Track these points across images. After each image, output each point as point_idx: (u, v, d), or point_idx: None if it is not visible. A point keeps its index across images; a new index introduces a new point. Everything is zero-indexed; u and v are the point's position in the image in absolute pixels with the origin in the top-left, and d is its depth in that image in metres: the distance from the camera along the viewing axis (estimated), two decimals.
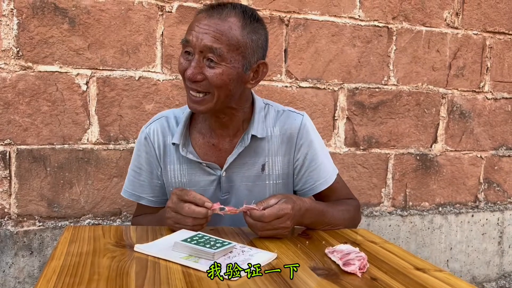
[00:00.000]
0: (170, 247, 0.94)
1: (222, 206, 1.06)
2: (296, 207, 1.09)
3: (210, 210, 1.04)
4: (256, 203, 1.07)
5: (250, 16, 1.11)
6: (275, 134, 1.22)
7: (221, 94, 1.09)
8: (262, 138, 1.20)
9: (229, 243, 0.96)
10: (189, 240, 0.94)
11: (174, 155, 1.23)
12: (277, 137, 1.22)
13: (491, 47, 2.32)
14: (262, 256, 0.95)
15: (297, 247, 1.05)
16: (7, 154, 1.71)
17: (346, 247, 0.99)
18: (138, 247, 0.96)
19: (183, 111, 1.26)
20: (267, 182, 1.23)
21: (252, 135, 1.18)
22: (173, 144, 1.21)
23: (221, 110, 1.15)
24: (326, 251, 1.00)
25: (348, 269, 0.89)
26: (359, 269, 0.89)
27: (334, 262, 0.94)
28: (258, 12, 1.91)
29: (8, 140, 1.71)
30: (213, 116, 1.19)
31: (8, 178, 1.72)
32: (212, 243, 0.94)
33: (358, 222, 1.35)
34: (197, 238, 0.95)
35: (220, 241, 0.96)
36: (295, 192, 1.32)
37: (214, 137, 1.22)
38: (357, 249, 0.98)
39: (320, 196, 1.30)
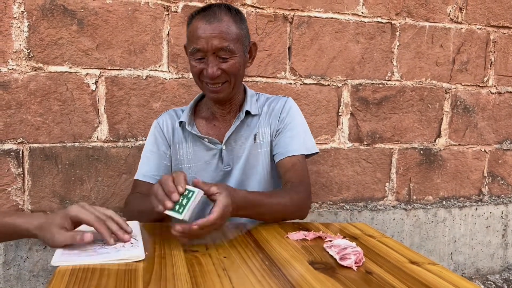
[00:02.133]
0: (92, 247, 0.88)
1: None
2: (235, 200, 1.06)
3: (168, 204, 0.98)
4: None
5: (234, 11, 1.31)
6: (264, 111, 1.44)
7: (236, 79, 1.31)
8: (254, 115, 1.41)
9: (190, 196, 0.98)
10: None
11: (182, 135, 1.42)
12: (266, 113, 1.44)
13: (495, 42, 2.32)
14: (128, 252, 0.90)
15: (297, 242, 1.09)
16: (20, 152, 1.77)
17: (344, 242, 1.03)
18: (55, 262, 0.87)
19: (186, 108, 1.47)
20: (259, 150, 1.41)
21: (246, 112, 1.39)
22: (180, 123, 1.41)
23: (232, 94, 1.36)
24: (325, 245, 1.04)
25: (344, 263, 0.93)
26: (354, 263, 0.93)
27: (331, 256, 0.99)
28: (263, 11, 1.99)
29: (21, 139, 1.77)
30: (220, 104, 1.39)
31: (22, 175, 1.78)
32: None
33: (304, 207, 1.31)
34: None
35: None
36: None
37: (215, 120, 1.42)
38: (354, 243, 1.02)
39: (279, 168, 1.39)
